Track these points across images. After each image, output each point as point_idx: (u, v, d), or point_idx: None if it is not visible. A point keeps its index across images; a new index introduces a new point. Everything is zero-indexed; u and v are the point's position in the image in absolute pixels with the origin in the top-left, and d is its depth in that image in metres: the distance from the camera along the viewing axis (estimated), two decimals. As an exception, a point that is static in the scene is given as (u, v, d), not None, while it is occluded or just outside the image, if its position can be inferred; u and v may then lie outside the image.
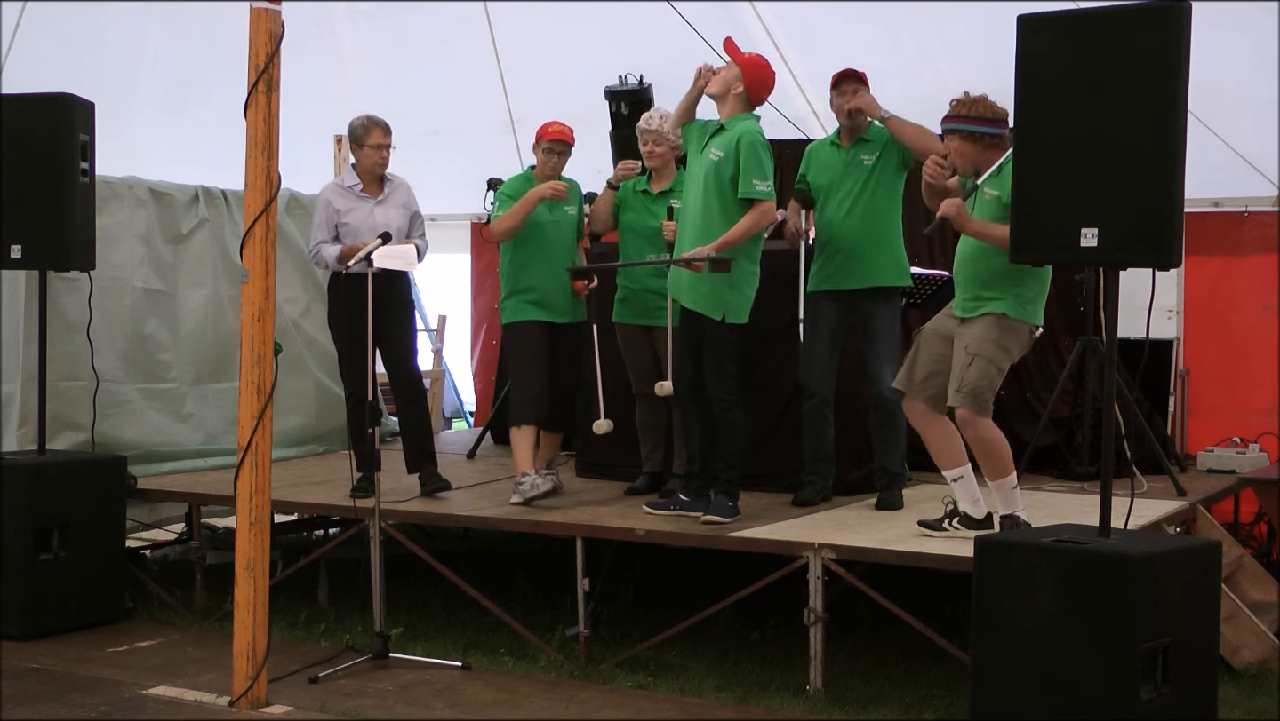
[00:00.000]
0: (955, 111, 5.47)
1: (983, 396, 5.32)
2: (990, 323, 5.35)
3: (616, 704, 5.42)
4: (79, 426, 7.02)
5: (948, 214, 5.31)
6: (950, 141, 5.50)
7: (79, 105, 6.57)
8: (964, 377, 5.32)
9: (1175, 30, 4.26)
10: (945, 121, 5.52)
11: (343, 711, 5.26)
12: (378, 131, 6.72)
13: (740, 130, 5.92)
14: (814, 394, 6.42)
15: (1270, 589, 6.40)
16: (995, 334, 5.34)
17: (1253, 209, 8.17)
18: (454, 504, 6.67)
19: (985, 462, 5.41)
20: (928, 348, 5.56)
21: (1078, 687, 4.19)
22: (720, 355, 5.94)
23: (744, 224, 5.86)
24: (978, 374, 5.31)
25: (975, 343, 5.33)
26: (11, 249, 6.47)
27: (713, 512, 5.88)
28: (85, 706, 5.33)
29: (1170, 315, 8.18)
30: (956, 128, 5.45)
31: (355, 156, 6.81)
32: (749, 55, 6.13)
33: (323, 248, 6.70)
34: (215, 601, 6.74)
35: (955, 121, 5.46)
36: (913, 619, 5.39)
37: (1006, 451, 5.42)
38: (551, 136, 6.59)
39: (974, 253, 5.41)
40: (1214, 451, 7.64)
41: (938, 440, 5.57)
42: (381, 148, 6.72)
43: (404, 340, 6.82)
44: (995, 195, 5.33)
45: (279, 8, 5.18)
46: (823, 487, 6.44)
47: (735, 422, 5.96)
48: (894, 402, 6.25)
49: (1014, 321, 5.36)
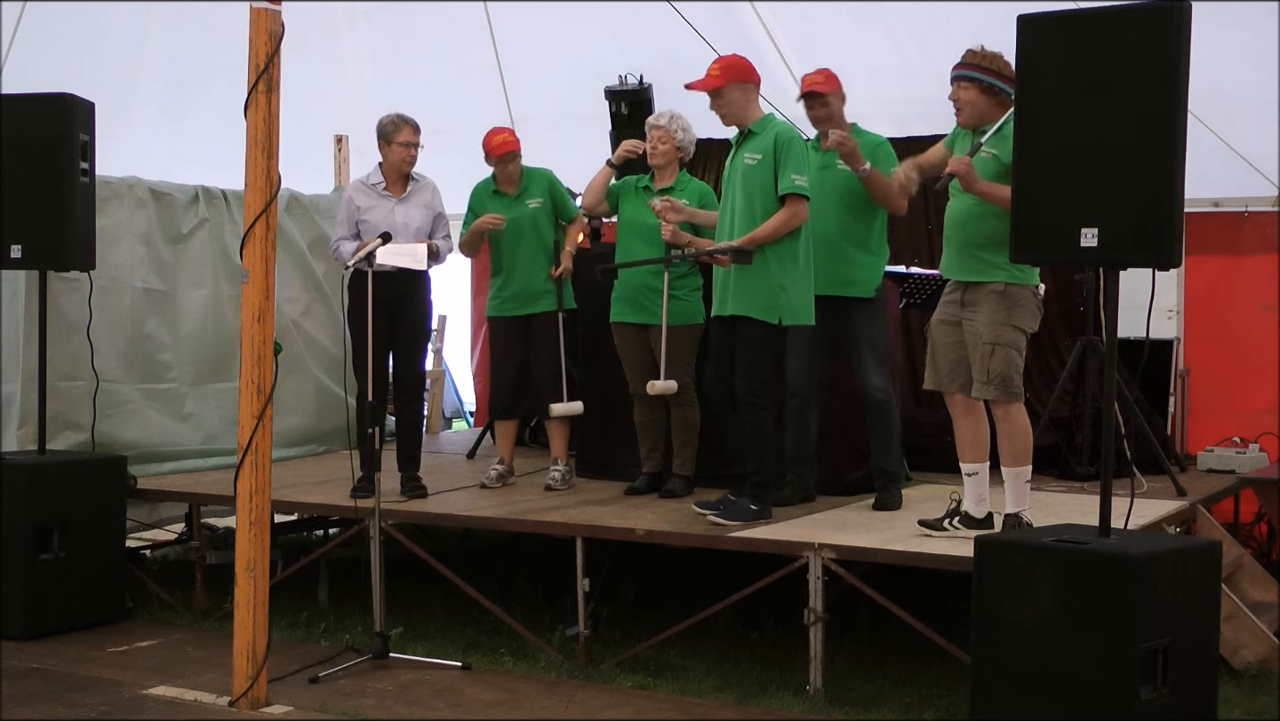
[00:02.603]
0: (975, 61, 5.40)
1: (1011, 382, 5.32)
2: (995, 303, 5.32)
3: (616, 704, 5.42)
4: (79, 426, 7.02)
5: (957, 170, 5.24)
6: (965, 90, 5.41)
7: (79, 105, 6.57)
8: (990, 369, 5.31)
9: (1175, 30, 4.26)
10: (963, 69, 5.43)
11: (343, 711, 5.26)
12: (407, 129, 6.75)
13: (776, 130, 5.90)
14: (795, 393, 6.42)
15: (1270, 589, 6.40)
16: (1004, 314, 5.32)
17: (1253, 209, 8.17)
18: (454, 504, 6.68)
19: (1009, 447, 5.40)
20: (942, 339, 5.54)
21: (1078, 687, 4.19)
22: (755, 358, 5.87)
23: (776, 220, 5.80)
24: (1002, 362, 5.31)
25: (989, 330, 5.32)
26: (11, 249, 6.47)
27: (728, 515, 5.84)
28: (85, 706, 5.33)
29: (1170, 315, 8.18)
30: (976, 77, 5.39)
31: (383, 154, 6.84)
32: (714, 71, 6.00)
33: (341, 244, 6.79)
34: (215, 601, 6.74)
35: (975, 70, 5.39)
36: (913, 619, 5.39)
37: (1030, 441, 5.44)
38: (500, 151, 6.88)
39: (966, 216, 5.38)
40: (1214, 451, 7.64)
41: (969, 432, 5.55)
42: (409, 145, 6.76)
43: (411, 341, 6.83)
44: (994, 154, 5.30)
45: (279, 8, 5.18)
46: (800, 487, 6.43)
47: (763, 425, 5.93)
48: (885, 402, 6.26)
49: (1017, 289, 5.33)
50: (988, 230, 5.29)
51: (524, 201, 6.94)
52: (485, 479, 7.07)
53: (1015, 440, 5.40)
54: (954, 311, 5.49)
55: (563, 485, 6.93)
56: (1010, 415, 5.37)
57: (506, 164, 6.93)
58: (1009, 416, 5.38)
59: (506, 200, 6.96)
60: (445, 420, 11.02)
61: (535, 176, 7.02)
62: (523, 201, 6.94)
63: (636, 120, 7.01)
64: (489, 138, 6.93)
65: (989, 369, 5.32)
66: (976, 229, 5.34)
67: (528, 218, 6.93)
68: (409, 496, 6.67)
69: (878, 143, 6.33)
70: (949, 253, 5.51)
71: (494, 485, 7.02)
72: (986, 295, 5.35)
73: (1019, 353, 5.37)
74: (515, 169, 6.96)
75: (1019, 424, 5.38)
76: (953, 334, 5.49)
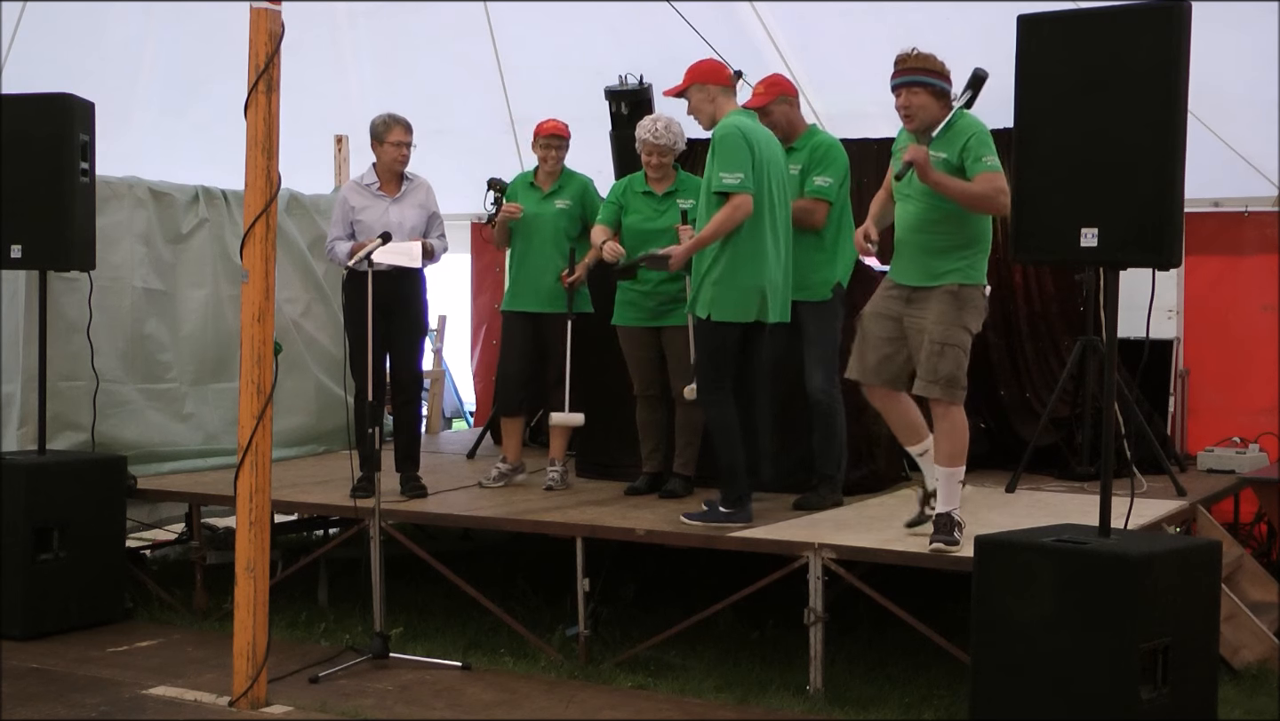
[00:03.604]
0: (922, 65, 5.36)
1: (957, 382, 5.32)
2: (947, 301, 5.31)
3: (616, 704, 5.42)
4: (79, 426, 7.02)
5: (916, 159, 5.20)
6: (916, 96, 5.35)
7: (79, 105, 6.57)
8: (938, 368, 5.29)
9: (1175, 30, 4.26)
10: (911, 74, 5.36)
11: (343, 711, 5.26)
12: (398, 129, 6.75)
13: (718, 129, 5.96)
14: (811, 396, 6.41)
15: (1270, 589, 6.40)
16: (955, 314, 5.31)
17: (1253, 209, 8.16)
18: (454, 504, 6.68)
19: (947, 446, 5.37)
20: (875, 332, 5.50)
21: (1078, 687, 4.19)
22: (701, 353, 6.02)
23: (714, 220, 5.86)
24: (951, 363, 5.30)
25: (939, 329, 5.30)
26: (11, 249, 6.47)
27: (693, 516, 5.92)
28: (85, 706, 5.33)
29: (1170, 315, 8.18)
30: (927, 81, 5.36)
31: (375, 154, 6.85)
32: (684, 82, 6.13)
33: (336, 245, 6.79)
34: (215, 601, 6.74)
35: (925, 75, 5.35)
36: (913, 619, 5.39)
37: (967, 441, 5.42)
38: (546, 132, 6.95)
39: (920, 222, 5.37)
40: (1214, 451, 7.64)
41: (900, 417, 5.57)
42: (401, 145, 6.76)
43: (408, 340, 6.82)
44: (944, 157, 5.30)
45: (279, 8, 5.18)
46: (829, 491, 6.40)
47: (720, 420, 6.00)
48: (823, 403, 6.24)
49: (968, 289, 5.34)
50: (942, 236, 5.32)
51: (553, 200, 6.97)
52: (484, 478, 7.07)
53: (955, 439, 5.37)
54: (895, 307, 5.46)
55: (560, 485, 6.93)
56: (950, 414, 5.35)
57: (548, 149, 6.95)
58: (949, 415, 5.35)
59: (537, 195, 7.00)
60: (445, 420, 11.01)
61: (573, 179, 7.05)
62: (551, 200, 6.97)
63: (636, 120, 6.99)
64: (541, 122, 7.02)
65: (937, 368, 5.29)
66: (930, 236, 5.35)
67: (551, 216, 6.94)
68: (409, 496, 6.67)
69: (829, 144, 6.40)
70: (902, 258, 5.46)
71: (492, 485, 7.01)
72: (938, 294, 5.35)
73: (966, 353, 5.36)
74: (555, 161, 6.99)
75: (959, 423, 5.36)
76: (888, 328, 5.46)
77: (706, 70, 6.13)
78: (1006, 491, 6.76)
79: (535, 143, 7.03)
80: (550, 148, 6.96)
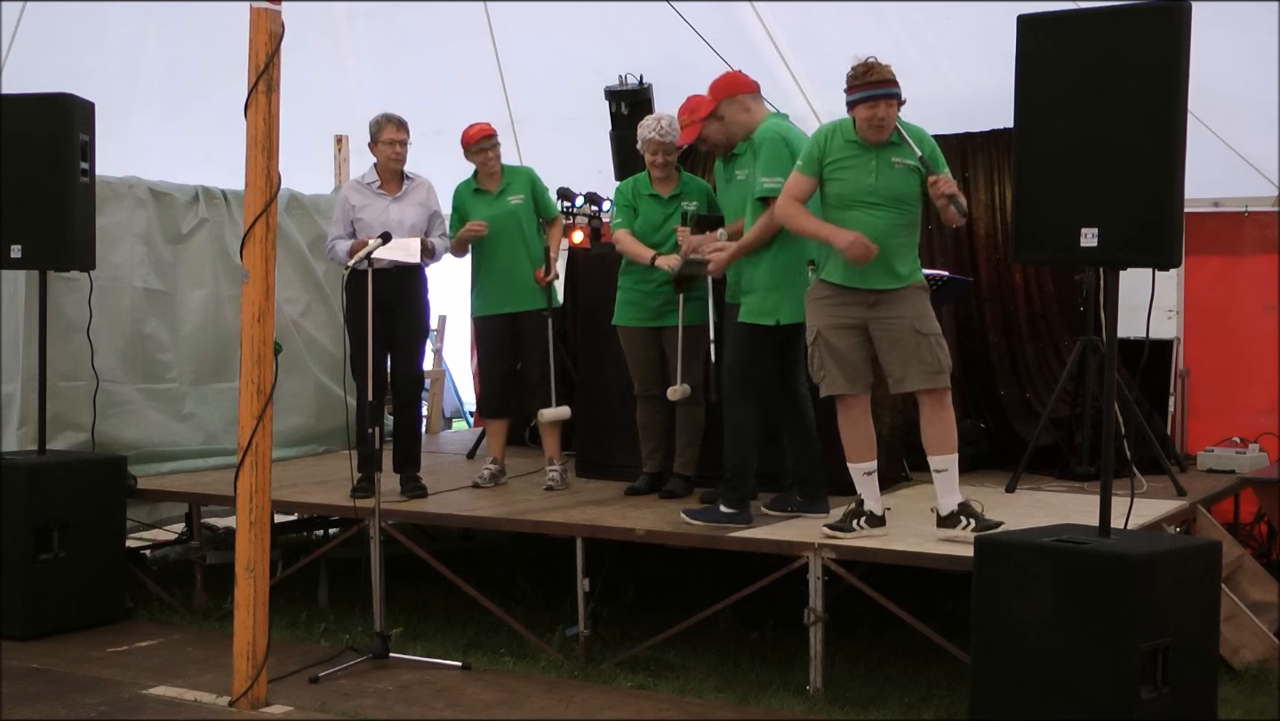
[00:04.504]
0: (891, 78, 5.34)
1: (949, 369, 5.45)
2: (919, 297, 5.47)
3: (616, 704, 5.41)
4: (79, 426, 7.02)
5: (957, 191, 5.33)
6: (891, 108, 5.34)
7: (79, 105, 6.57)
8: (939, 359, 5.40)
9: (1175, 30, 4.26)
10: (886, 86, 5.33)
11: (343, 711, 5.26)
12: (390, 127, 6.76)
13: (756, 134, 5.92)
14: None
15: (1270, 589, 6.40)
16: (928, 307, 5.48)
17: (1253, 209, 8.17)
18: (454, 504, 6.68)
19: (950, 435, 5.41)
20: (844, 344, 5.46)
21: (1078, 688, 4.19)
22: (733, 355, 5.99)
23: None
24: (944, 350, 5.43)
25: (925, 322, 5.42)
26: (11, 249, 6.47)
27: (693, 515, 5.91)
28: (85, 706, 5.33)
29: (1170, 315, 8.18)
30: (898, 93, 5.37)
31: (373, 153, 6.87)
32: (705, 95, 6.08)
33: (336, 244, 6.80)
34: (215, 601, 6.74)
35: (896, 87, 5.36)
36: (913, 619, 5.39)
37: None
38: (477, 137, 6.95)
39: (891, 227, 5.42)
40: (1214, 451, 7.64)
41: (865, 432, 5.58)
42: (394, 143, 6.76)
43: (409, 341, 6.83)
44: (907, 165, 5.38)
45: (279, 8, 5.18)
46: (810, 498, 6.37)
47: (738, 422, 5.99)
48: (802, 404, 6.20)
49: (924, 283, 5.53)
50: (906, 239, 5.46)
51: (505, 198, 6.99)
52: (478, 478, 7.09)
53: (954, 427, 5.47)
54: (855, 314, 5.46)
55: (560, 485, 6.93)
56: (947, 403, 5.45)
57: (485, 151, 6.95)
58: (946, 403, 5.44)
59: (489, 199, 7.00)
60: (445, 420, 11.02)
61: (517, 174, 7.09)
62: (504, 199, 6.99)
63: (636, 120, 6.99)
64: (465, 130, 6.99)
65: (939, 358, 5.40)
66: (898, 240, 5.44)
67: (510, 215, 6.97)
68: (409, 496, 6.67)
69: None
70: (867, 264, 5.40)
71: (486, 485, 7.04)
72: (911, 291, 5.45)
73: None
74: (495, 162, 7.00)
75: (951, 410, 5.47)
76: (855, 337, 5.49)
77: (730, 82, 6.07)
78: (1006, 491, 6.76)
79: (469, 151, 6.97)
80: (486, 149, 6.95)
